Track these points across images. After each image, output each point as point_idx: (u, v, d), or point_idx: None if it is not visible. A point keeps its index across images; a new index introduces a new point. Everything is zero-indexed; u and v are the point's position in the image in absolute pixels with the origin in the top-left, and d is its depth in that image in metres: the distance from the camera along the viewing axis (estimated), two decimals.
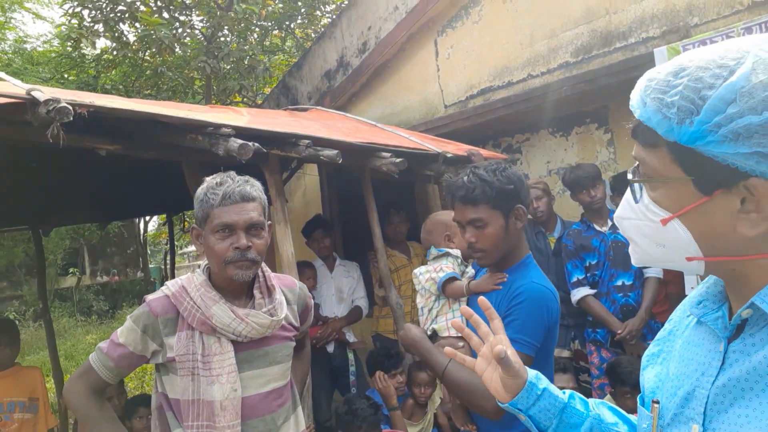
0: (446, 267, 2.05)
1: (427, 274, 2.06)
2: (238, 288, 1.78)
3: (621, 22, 3.99)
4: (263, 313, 1.74)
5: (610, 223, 3.48)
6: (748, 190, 0.72)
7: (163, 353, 1.71)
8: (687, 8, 3.68)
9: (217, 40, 8.22)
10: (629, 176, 0.86)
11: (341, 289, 4.31)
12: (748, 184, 0.72)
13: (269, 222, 1.83)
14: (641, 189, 0.84)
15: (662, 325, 3.49)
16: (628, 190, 0.87)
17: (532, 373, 1.09)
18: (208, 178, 1.76)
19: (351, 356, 4.21)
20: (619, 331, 3.27)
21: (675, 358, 0.93)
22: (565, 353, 3.73)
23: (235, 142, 2.29)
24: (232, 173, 1.77)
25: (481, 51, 4.85)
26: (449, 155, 3.57)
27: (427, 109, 5.28)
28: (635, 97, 0.81)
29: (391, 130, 4.15)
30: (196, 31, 8.53)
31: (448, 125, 4.86)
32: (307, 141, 2.65)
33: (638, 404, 1.00)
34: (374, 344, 4.43)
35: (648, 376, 0.99)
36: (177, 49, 7.92)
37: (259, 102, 8.34)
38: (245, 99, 9.77)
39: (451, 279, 2.00)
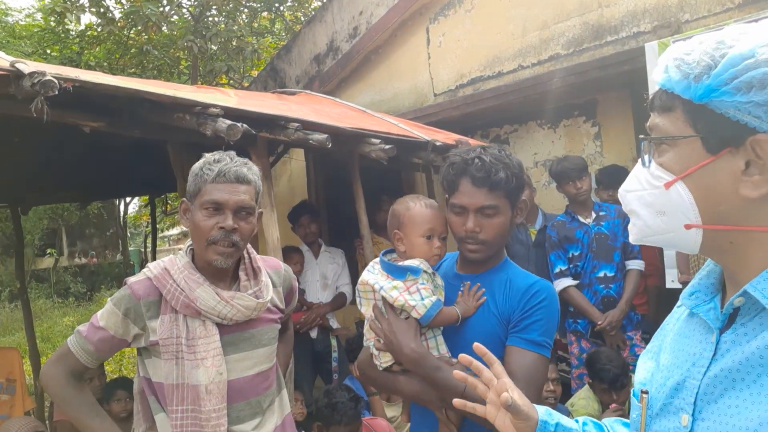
0: (423, 288, 1.57)
1: (394, 292, 1.56)
2: (222, 270, 1.74)
3: (613, 15, 4.00)
4: (249, 295, 1.71)
5: (594, 215, 3.51)
6: (754, 150, 0.75)
7: (145, 337, 1.68)
8: (679, 4, 3.70)
9: (204, 20, 8.08)
10: (641, 137, 0.88)
11: (326, 276, 4.31)
12: (755, 139, 0.75)
13: (260, 210, 1.80)
14: (650, 158, 0.86)
15: (641, 316, 3.53)
16: (635, 166, 0.89)
17: (542, 410, 1.06)
18: (207, 154, 1.72)
19: (334, 342, 4.22)
20: (599, 322, 3.32)
21: (666, 349, 0.94)
22: None
23: (224, 123, 2.25)
24: (232, 153, 1.73)
25: (472, 40, 4.84)
26: (438, 144, 3.57)
27: (417, 97, 5.25)
28: (660, 68, 0.84)
29: (381, 117, 4.13)
30: (184, 10, 8.38)
31: (437, 114, 4.85)
32: (296, 124, 2.63)
33: (631, 396, 1.00)
34: (357, 330, 4.43)
35: (640, 369, 0.99)
36: (164, 28, 7.77)
37: (246, 84, 8.23)
38: (232, 81, 9.64)
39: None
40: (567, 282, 3.48)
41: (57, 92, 1.79)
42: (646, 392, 0.93)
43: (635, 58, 3.48)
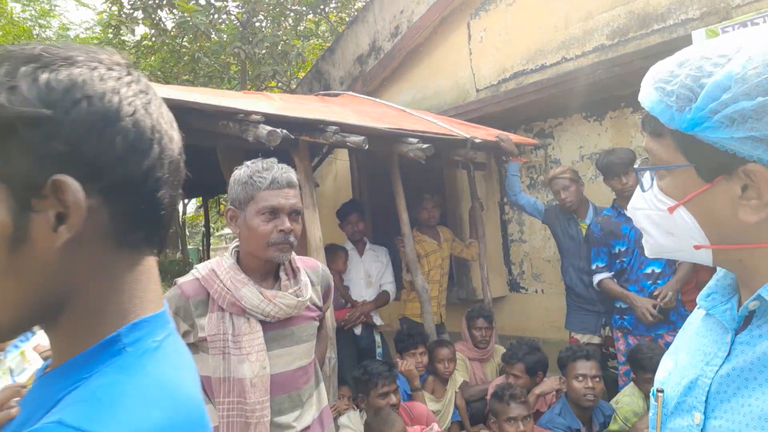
0: None
1: None
2: (265, 270, 1.84)
3: (659, 3, 3.87)
4: (289, 294, 1.80)
5: None
6: (748, 176, 0.74)
7: (194, 333, 1.79)
8: None
9: (252, 26, 8.32)
10: (636, 165, 0.88)
11: (370, 274, 4.38)
12: (746, 169, 0.74)
13: None
14: (652, 179, 0.86)
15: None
16: (638, 187, 0.90)
17: None
18: (248, 162, 1.82)
19: (378, 338, 4.30)
20: (655, 293, 3.24)
21: (683, 349, 0.94)
22: (596, 339, 3.72)
23: (264, 129, 2.35)
24: (274, 159, 1.83)
25: (514, 34, 4.79)
26: (477, 140, 3.57)
27: (459, 93, 5.24)
28: (643, 92, 0.83)
29: (420, 116, 4.16)
30: (232, 17, 8.65)
31: (479, 109, 4.82)
32: (334, 127, 2.70)
33: (650, 396, 1.02)
34: (401, 326, 4.50)
35: (661, 368, 1.00)
36: (213, 35, 8.05)
37: (293, 87, 8.42)
38: (280, 84, 9.87)
39: None
40: (602, 275, 3.46)
41: None
42: (662, 391, 0.94)
43: (683, 46, 3.31)
